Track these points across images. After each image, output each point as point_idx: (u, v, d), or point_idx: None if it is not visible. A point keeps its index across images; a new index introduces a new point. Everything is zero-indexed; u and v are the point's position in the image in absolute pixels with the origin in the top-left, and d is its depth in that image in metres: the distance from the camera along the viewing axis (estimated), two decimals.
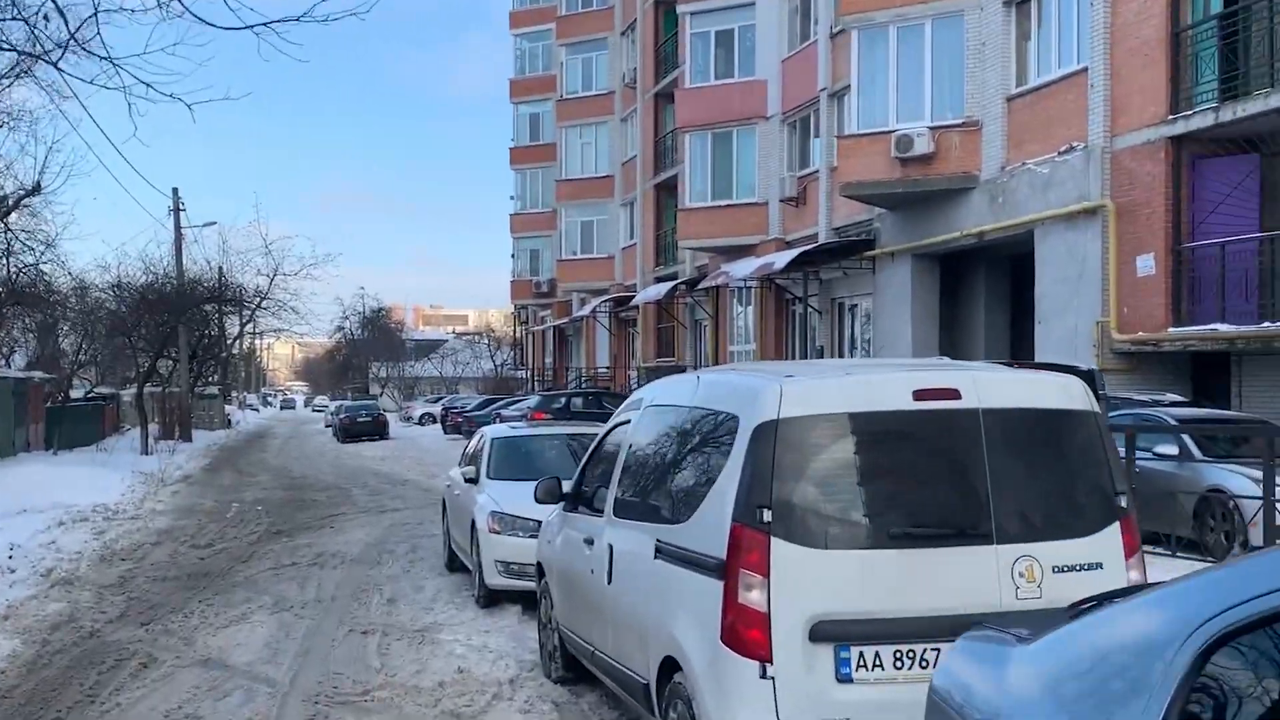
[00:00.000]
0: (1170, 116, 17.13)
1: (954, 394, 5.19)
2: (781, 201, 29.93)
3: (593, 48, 48.50)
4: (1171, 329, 16.94)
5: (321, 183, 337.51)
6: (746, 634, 4.95)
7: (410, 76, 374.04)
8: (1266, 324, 15.42)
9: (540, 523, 9.50)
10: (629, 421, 7.13)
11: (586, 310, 45.98)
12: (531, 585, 9.43)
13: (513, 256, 60.11)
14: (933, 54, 22.34)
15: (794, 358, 29.56)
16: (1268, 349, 15.91)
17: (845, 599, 4.98)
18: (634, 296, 39.44)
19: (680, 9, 33.40)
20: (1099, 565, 5.19)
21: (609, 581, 6.64)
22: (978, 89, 21.70)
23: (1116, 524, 5.31)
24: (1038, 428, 5.36)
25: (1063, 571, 5.12)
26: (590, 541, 7.13)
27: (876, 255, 24.97)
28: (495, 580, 10.81)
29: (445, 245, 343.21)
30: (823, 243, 26.72)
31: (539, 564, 8.80)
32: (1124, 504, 5.39)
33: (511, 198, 60.03)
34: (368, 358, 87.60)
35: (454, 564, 13.06)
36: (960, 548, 5.07)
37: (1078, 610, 3.18)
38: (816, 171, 28.32)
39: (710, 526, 5.29)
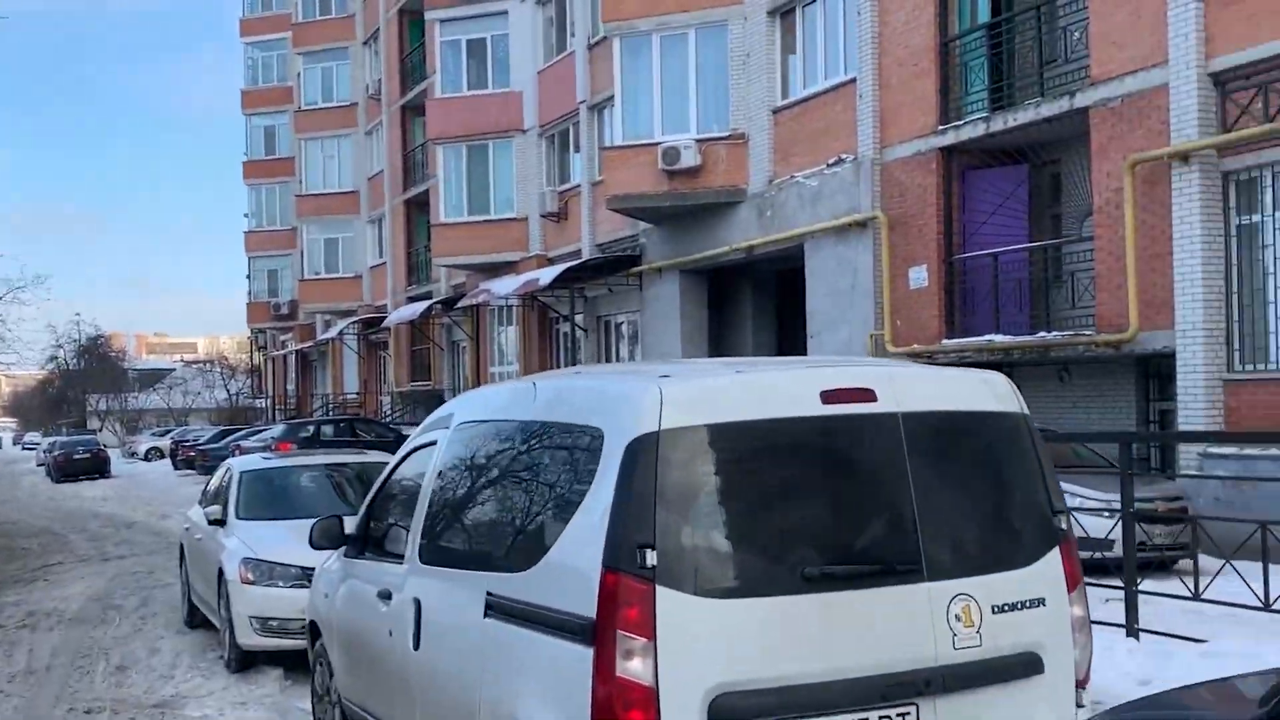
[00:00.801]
0: (940, 127, 17.23)
1: (869, 395, 4.23)
2: (542, 217, 29.10)
3: (332, 57, 46.50)
4: (946, 340, 16.98)
5: (35, 204, 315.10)
6: (626, 717, 3.85)
7: (135, 93, 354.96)
8: (1041, 333, 15.59)
9: (305, 570, 8.16)
10: (434, 444, 5.78)
11: (332, 333, 43.80)
12: (295, 644, 8.07)
13: (248, 277, 57.03)
14: (697, 64, 22.01)
15: None
16: (1042, 359, 16.11)
17: (755, 663, 3.92)
18: (385, 317, 37.74)
19: (429, 16, 32.21)
20: (1041, 601, 4.32)
21: (415, 646, 5.27)
22: (743, 101, 21.48)
23: (1056, 549, 4.44)
24: (964, 434, 4.44)
25: (1003, 611, 4.21)
26: (386, 595, 5.71)
27: (643, 271, 24.43)
28: (250, 639, 9.32)
29: (170, 269, 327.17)
30: (588, 259, 26.02)
31: (312, 623, 7.25)
32: (1063, 525, 4.52)
33: (246, 215, 56.95)
34: (85, 389, 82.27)
35: (195, 618, 11.45)
36: (888, 588, 4.09)
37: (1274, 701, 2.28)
38: (578, 186, 27.67)
39: (568, 574, 4.15)
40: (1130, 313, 14.00)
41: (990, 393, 4.56)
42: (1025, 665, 4.24)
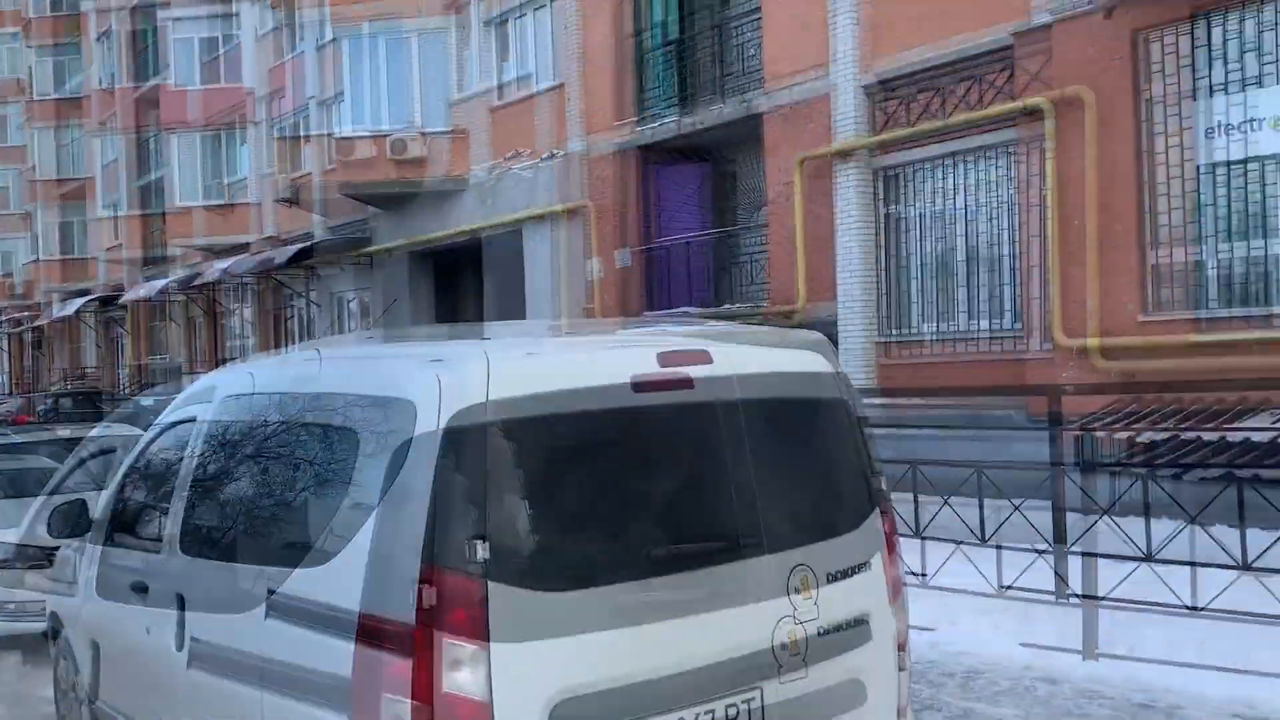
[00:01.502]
0: (637, 128, 16.86)
1: (705, 357, 3.41)
2: (276, 202, 26.92)
3: (65, 51, 41.63)
4: (647, 312, 16.62)
5: None
6: None
7: None
8: (726, 305, 15.52)
9: (41, 550, 6.73)
10: (193, 419, 4.44)
11: (69, 310, 39.34)
12: (34, 626, 6.59)
13: None
14: (420, 65, 20.82)
15: None
16: None
17: (601, 662, 3.00)
18: (121, 295, 34.18)
19: (161, 16, 29.14)
20: (866, 565, 3.65)
21: (178, 647, 3.99)
22: (464, 99, 20.46)
23: (876, 511, 3.78)
24: (793, 398, 3.69)
25: (836, 579, 3.52)
26: (142, 588, 4.37)
27: (374, 252, 22.96)
28: None
29: None
30: (321, 239, 24.23)
31: (53, 614, 5.70)
32: (882, 486, 3.88)
33: None
34: None
35: None
36: (733, 564, 3.29)
37: None
38: (310, 174, 25.73)
39: (376, 571, 3.06)
40: (799, 288, 14.08)
41: (814, 355, 3.84)
42: (858, 634, 3.58)
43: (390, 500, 3.08)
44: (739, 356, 3.50)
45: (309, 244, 23.52)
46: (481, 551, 2.85)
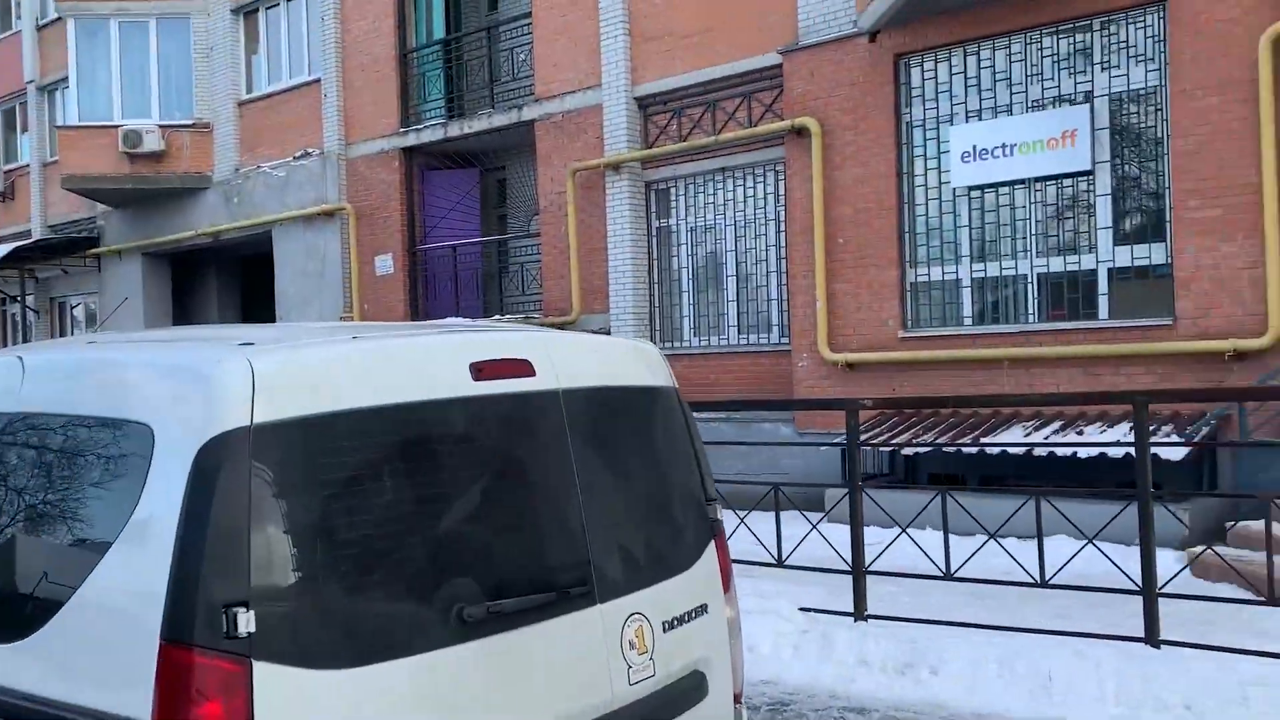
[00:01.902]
0: (402, 129, 16.06)
1: (526, 368, 2.80)
2: None
3: None
4: (411, 323, 15.88)
5: None
6: None
7: None
8: (496, 316, 14.99)
9: None
10: None
11: None
12: None
13: None
14: (159, 52, 19.03)
15: None
16: None
17: None
18: None
19: None
20: (704, 608, 3.15)
21: None
22: (208, 92, 18.88)
23: (712, 545, 3.28)
24: (625, 416, 3.12)
25: (672, 627, 3.00)
26: None
27: (102, 253, 20.82)
28: None
29: None
30: (39, 239, 21.75)
31: None
32: (717, 514, 3.37)
33: None
34: None
35: None
36: (559, 618, 2.70)
37: None
38: (28, 166, 23.13)
39: (96, 650, 2.33)
40: (573, 298, 13.76)
41: (644, 364, 3.27)
42: (695, 689, 3.11)
43: (116, 554, 2.33)
44: (566, 367, 2.92)
45: (24, 244, 21.03)
46: (243, 622, 2.16)
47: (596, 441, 2.95)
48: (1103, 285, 9.85)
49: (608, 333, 13.48)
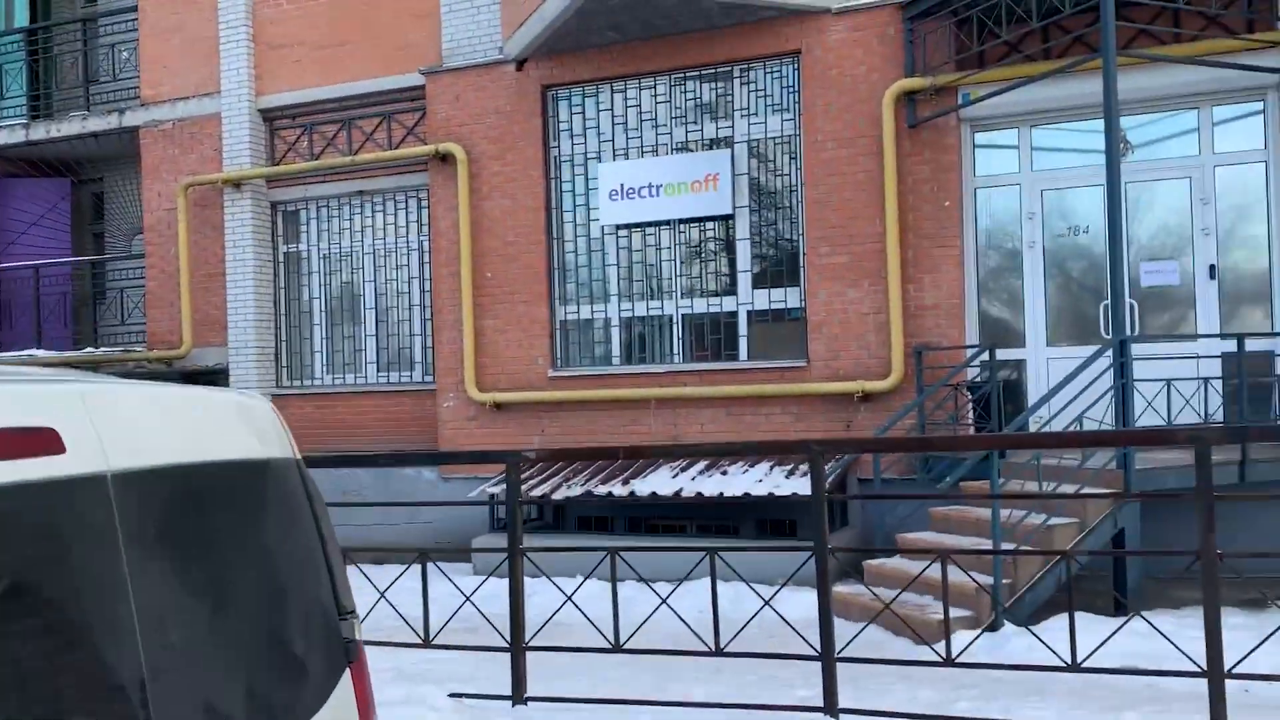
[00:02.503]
0: None
1: (52, 442, 1.77)
2: None
3: None
4: None
5: None
6: None
7: None
8: (89, 349, 12.92)
9: None
10: None
11: None
12: None
13: None
14: None
15: None
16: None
17: None
18: None
19: None
20: None
21: None
22: None
23: (348, 675, 2.39)
24: (219, 507, 2.15)
25: None
26: None
27: None
28: None
29: None
30: None
31: None
32: (354, 633, 2.45)
33: None
34: None
35: None
36: None
37: None
38: None
39: None
40: (184, 330, 12.12)
41: (250, 428, 2.32)
42: None
43: None
44: (122, 437, 1.93)
45: None
46: None
47: (169, 550, 1.98)
48: (743, 327, 9.98)
49: (225, 371, 12.00)
